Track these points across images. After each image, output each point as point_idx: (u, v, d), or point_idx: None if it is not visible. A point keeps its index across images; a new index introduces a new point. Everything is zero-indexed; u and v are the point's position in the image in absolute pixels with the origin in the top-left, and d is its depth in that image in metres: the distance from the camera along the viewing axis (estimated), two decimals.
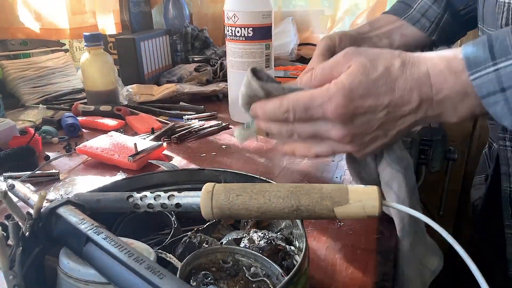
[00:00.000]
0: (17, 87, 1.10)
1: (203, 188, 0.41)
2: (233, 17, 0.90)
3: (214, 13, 1.64)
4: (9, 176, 0.70)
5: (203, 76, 1.24)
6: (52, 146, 0.88)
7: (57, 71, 1.19)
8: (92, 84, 1.05)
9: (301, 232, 0.43)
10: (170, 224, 0.50)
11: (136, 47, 1.18)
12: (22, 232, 0.37)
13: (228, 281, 0.41)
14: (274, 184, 0.42)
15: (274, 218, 0.46)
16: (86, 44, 1.02)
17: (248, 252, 0.43)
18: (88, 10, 1.27)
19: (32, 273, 0.39)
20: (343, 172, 0.74)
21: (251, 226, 0.52)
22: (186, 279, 0.39)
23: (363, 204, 0.38)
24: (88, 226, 0.38)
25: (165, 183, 0.55)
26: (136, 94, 1.10)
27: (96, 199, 0.45)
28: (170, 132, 0.91)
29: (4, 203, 0.39)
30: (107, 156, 0.76)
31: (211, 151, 0.84)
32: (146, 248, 0.42)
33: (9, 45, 1.18)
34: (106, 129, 0.94)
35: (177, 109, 1.07)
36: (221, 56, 1.38)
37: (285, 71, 1.23)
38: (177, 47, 1.42)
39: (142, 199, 0.43)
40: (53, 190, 0.68)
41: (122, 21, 1.31)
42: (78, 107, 1.03)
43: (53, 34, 1.24)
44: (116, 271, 0.34)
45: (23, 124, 0.95)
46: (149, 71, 1.24)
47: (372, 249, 0.53)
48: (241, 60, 0.93)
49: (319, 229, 0.57)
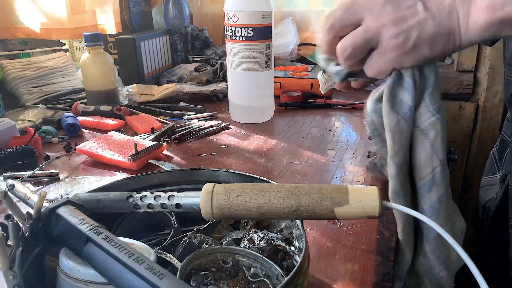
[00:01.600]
0: (17, 87, 1.10)
1: (203, 188, 0.41)
2: (233, 17, 0.90)
3: (214, 13, 1.64)
4: (9, 176, 0.70)
5: (203, 76, 1.24)
6: (52, 146, 0.88)
7: (57, 71, 1.19)
8: (92, 84, 1.05)
9: (301, 232, 0.43)
10: (170, 224, 0.50)
11: (136, 47, 1.18)
12: (22, 232, 0.37)
13: (228, 281, 0.41)
14: (274, 184, 0.42)
15: (274, 218, 0.46)
16: (86, 44, 1.02)
17: (248, 252, 0.43)
18: (88, 10, 1.27)
19: (32, 273, 0.39)
20: (343, 172, 0.74)
21: (251, 226, 0.52)
22: (186, 279, 0.39)
23: (363, 205, 0.38)
24: (88, 226, 0.38)
25: (165, 183, 0.55)
26: (136, 94, 1.10)
27: (96, 199, 0.45)
28: (170, 132, 0.91)
29: (4, 203, 0.39)
30: (107, 156, 0.76)
31: (211, 151, 0.84)
32: (146, 248, 0.42)
33: (9, 45, 1.18)
34: (106, 129, 0.94)
35: (177, 109, 1.07)
36: (221, 56, 1.38)
37: (285, 71, 1.23)
38: (177, 47, 1.42)
39: (142, 199, 0.43)
40: (53, 190, 0.68)
41: (122, 21, 1.31)
42: (78, 107, 1.03)
43: (53, 34, 1.24)
44: (116, 272, 0.34)
45: (23, 124, 0.95)
46: (149, 71, 1.24)
47: (372, 249, 0.53)
48: (241, 60, 0.93)
49: (319, 229, 0.57)
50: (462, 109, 1.42)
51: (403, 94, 0.43)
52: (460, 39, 0.40)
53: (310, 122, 1.00)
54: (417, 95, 0.43)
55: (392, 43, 0.41)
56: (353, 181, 0.71)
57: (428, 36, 0.40)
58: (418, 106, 0.43)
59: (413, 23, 0.40)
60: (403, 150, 0.43)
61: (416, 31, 0.40)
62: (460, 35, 0.40)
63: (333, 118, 1.03)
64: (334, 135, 0.91)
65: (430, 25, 0.40)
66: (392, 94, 0.43)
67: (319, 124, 0.98)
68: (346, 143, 0.87)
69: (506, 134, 0.78)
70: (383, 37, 0.41)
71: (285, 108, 1.10)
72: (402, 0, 0.40)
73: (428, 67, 0.43)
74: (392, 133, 0.43)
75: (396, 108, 0.43)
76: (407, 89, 0.43)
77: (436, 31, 0.40)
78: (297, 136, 0.92)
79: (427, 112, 0.43)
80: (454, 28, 0.40)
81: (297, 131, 0.94)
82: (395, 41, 0.41)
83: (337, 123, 1.00)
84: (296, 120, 1.02)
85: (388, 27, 0.40)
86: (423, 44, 0.40)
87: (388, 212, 0.60)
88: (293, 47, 1.47)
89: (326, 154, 0.82)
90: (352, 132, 0.93)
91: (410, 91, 0.43)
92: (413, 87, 0.42)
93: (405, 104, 0.43)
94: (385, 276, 0.48)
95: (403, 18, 0.40)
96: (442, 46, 0.41)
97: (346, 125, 0.99)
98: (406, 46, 0.41)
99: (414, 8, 0.40)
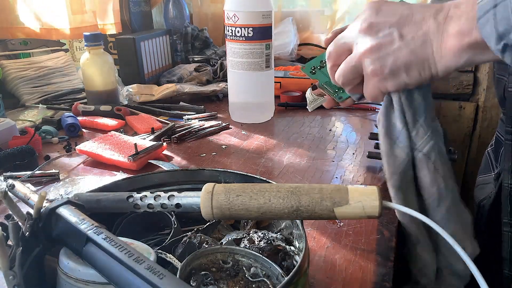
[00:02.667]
0: (17, 87, 1.10)
1: (203, 188, 0.41)
2: (233, 17, 0.90)
3: (214, 13, 1.64)
4: (9, 176, 0.70)
5: (203, 76, 1.24)
6: (52, 146, 0.88)
7: (57, 71, 1.19)
8: (92, 84, 1.05)
9: (301, 232, 0.43)
10: (170, 224, 0.50)
11: (136, 47, 1.18)
12: (22, 232, 0.37)
13: (228, 281, 0.41)
14: (274, 184, 0.42)
15: (274, 218, 0.46)
16: (86, 44, 1.02)
17: (248, 252, 0.43)
18: (88, 10, 1.27)
19: (32, 273, 0.39)
20: (343, 172, 0.74)
21: (251, 226, 0.52)
22: (186, 279, 0.39)
23: (363, 205, 0.38)
24: (88, 226, 0.38)
25: (165, 183, 0.55)
26: (136, 94, 1.10)
27: (96, 199, 0.45)
28: (170, 132, 0.91)
29: (4, 203, 0.39)
30: (107, 156, 0.76)
31: (211, 151, 0.84)
32: (146, 248, 0.42)
33: (9, 45, 1.18)
34: (106, 129, 0.94)
35: (177, 109, 1.07)
36: (221, 56, 1.38)
37: (285, 71, 1.23)
38: (177, 47, 1.42)
39: (142, 199, 0.43)
40: (53, 190, 0.68)
41: (122, 21, 1.31)
42: (78, 107, 1.03)
43: (53, 34, 1.23)
44: (116, 271, 0.34)
45: (23, 124, 0.95)
46: (149, 71, 1.24)
47: (372, 249, 0.53)
48: (241, 60, 0.93)
49: (319, 229, 0.57)
50: (462, 109, 1.42)
51: (394, 118, 0.46)
52: (435, 66, 0.42)
53: (310, 122, 1.00)
54: (410, 121, 0.45)
55: (371, 69, 0.45)
56: (353, 181, 0.71)
57: (403, 63, 0.43)
58: (414, 131, 0.46)
59: (389, 51, 0.43)
60: (398, 173, 0.46)
61: (391, 58, 0.43)
62: (435, 62, 0.42)
63: (333, 118, 1.03)
64: (334, 135, 0.91)
65: (404, 53, 0.43)
66: (386, 119, 0.47)
67: (319, 124, 0.98)
68: (346, 143, 0.87)
69: (500, 134, 0.79)
70: (364, 64, 0.45)
71: (285, 108, 1.10)
72: (380, 28, 0.44)
73: (418, 93, 0.45)
74: (387, 157, 0.46)
75: (389, 132, 0.46)
76: (396, 113, 0.46)
77: (410, 59, 0.43)
78: (297, 136, 0.92)
79: (425, 136, 0.45)
80: (428, 55, 0.42)
81: (297, 131, 0.94)
82: (373, 67, 0.44)
83: (337, 123, 1.00)
84: (296, 120, 1.02)
85: (366, 54, 0.44)
86: (399, 70, 0.43)
87: (388, 212, 0.60)
88: (293, 47, 1.47)
89: (326, 154, 0.82)
90: (352, 132, 0.93)
91: (398, 116, 0.45)
92: (401, 111, 0.45)
93: (397, 128, 0.46)
94: (385, 276, 0.48)
95: (380, 46, 0.44)
96: (417, 72, 0.43)
97: (346, 125, 0.99)
98: (384, 72, 0.44)
99: (391, 36, 0.43)
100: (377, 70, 0.44)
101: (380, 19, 0.44)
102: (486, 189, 0.80)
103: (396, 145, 0.46)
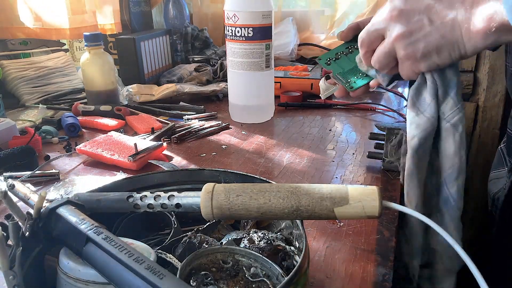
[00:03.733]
0: (17, 87, 1.10)
1: (203, 188, 0.41)
2: (233, 17, 0.90)
3: (214, 13, 1.64)
4: (9, 176, 0.70)
5: (203, 76, 1.24)
6: (52, 146, 0.88)
7: (57, 71, 1.19)
8: (92, 84, 1.05)
9: (301, 232, 0.43)
10: (170, 224, 0.50)
11: (136, 47, 1.18)
12: (22, 232, 0.37)
13: (228, 281, 0.41)
14: (274, 184, 0.42)
15: (274, 218, 0.46)
16: (86, 44, 1.02)
17: (248, 252, 0.43)
18: (88, 10, 1.27)
19: (32, 273, 0.39)
20: (343, 172, 0.74)
21: (251, 226, 0.52)
22: (186, 279, 0.39)
23: (363, 205, 0.38)
24: (88, 226, 0.38)
25: (165, 183, 0.55)
26: (136, 94, 1.10)
27: (96, 199, 0.45)
28: (170, 132, 0.91)
29: (4, 203, 0.39)
30: (107, 156, 0.76)
31: (211, 151, 0.84)
32: (146, 248, 0.42)
33: (9, 45, 1.18)
34: (106, 129, 0.94)
35: (177, 109, 1.07)
36: (221, 56, 1.38)
37: (285, 71, 1.23)
38: (177, 47, 1.42)
39: (142, 199, 0.43)
40: (53, 190, 0.68)
41: (122, 21, 1.31)
42: (78, 107, 1.03)
43: (53, 34, 1.23)
44: (116, 271, 0.34)
45: (23, 124, 0.95)
46: (149, 71, 1.24)
47: (372, 249, 0.53)
48: (241, 60, 0.93)
49: (319, 229, 0.57)
50: None
51: (425, 93, 0.50)
52: (464, 47, 0.45)
53: (310, 122, 1.00)
54: (441, 94, 0.49)
55: (404, 54, 0.48)
56: (353, 181, 0.71)
57: (434, 46, 0.46)
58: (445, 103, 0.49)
59: (420, 36, 0.46)
60: (419, 138, 0.49)
61: (423, 43, 0.46)
62: (464, 43, 0.45)
63: (333, 118, 1.03)
64: (334, 135, 0.91)
65: (434, 37, 0.46)
66: (416, 93, 0.50)
67: (319, 124, 0.98)
68: (346, 143, 0.87)
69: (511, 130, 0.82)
70: (398, 49, 0.48)
71: (285, 108, 1.10)
72: (411, 15, 0.46)
73: (449, 70, 0.49)
74: (410, 123, 0.51)
75: (417, 105, 0.50)
76: (428, 89, 0.49)
77: (440, 42, 0.46)
78: (297, 136, 0.92)
79: (455, 108, 0.48)
80: (458, 38, 0.45)
81: (297, 131, 0.94)
82: (406, 52, 0.47)
83: (337, 123, 1.00)
84: (296, 120, 1.02)
85: (399, 40, 0.47)
86: (431, 53, 0.46)
87: (388, 212, 0.60)
88: (293, 47, 1.47)
89: (326, 154, 0.82)
90: (352, 132, 0.93)
91: (429, 91, 0.49)
92: (433, 87, 0.49)
93: (426, 102, 0.49)
94: (385, 276, 0.48)
95: (411, 32, 0.46)
96: (448, 54, 0.46)
97: (346, 125, 0.99)
98: (416, 56, 0.47)
99: (421, 22, 0.46)
100: (410, 54, 0.47)
101: (409, 6, 0.46)
102: (499, 182, 0.83)
103: (422, 115, 0.49)
